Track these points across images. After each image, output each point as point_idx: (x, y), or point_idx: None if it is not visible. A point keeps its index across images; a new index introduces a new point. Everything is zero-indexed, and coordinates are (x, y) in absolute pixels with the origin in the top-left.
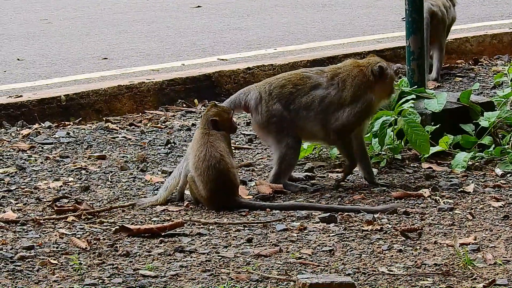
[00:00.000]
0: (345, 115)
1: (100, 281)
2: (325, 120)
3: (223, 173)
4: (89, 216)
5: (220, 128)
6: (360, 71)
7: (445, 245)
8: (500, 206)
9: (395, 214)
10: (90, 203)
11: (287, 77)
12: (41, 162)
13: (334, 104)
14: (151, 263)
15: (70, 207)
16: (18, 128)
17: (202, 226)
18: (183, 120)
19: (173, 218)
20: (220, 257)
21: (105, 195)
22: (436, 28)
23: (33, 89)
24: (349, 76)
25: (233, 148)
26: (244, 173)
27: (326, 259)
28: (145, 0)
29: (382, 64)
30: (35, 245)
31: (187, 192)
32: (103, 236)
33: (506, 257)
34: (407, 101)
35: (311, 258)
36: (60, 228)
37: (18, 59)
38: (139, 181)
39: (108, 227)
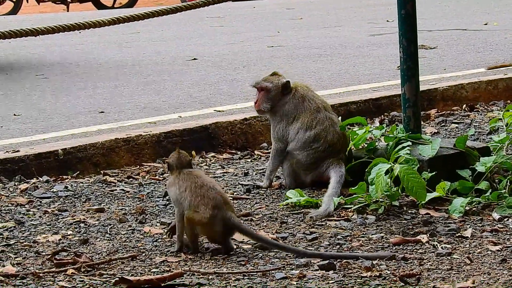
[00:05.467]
0: None
1: None
2: None
3: (220, 193)
4: (89, 269)
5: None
6: None
7: None
8: (498, 250)
9: (393, 260)
10: (90, 256)
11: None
12: (40, 216)
13: None
14: None
15: (69, 260)
16: (16, 183)
17: (201, 276)
18: None
19: (173, 268)
20: None
21: (104, 247)
22: None
23: (30, 144)
24: None
25: (231, 198)
26: (243, 223)
27: None
28: (141, 53)
29: None
30: None
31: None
32: None
33: None
34: (403, 147)
35: None
36: (60, 281)
37: (14, 115)
38: (138, 233)
39: (108, 279)
